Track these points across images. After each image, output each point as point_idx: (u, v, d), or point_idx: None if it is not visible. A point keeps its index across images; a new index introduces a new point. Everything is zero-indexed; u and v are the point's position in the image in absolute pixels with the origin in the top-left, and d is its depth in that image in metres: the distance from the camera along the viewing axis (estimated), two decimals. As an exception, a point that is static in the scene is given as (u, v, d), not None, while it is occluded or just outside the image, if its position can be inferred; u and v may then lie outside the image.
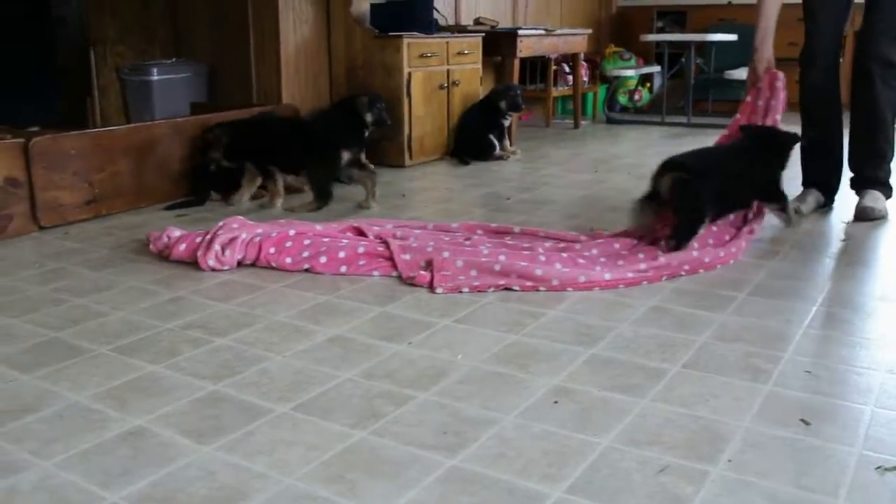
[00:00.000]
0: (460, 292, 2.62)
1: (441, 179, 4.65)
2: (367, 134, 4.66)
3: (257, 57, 4.89)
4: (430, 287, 2.66)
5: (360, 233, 3.12)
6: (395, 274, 2.82)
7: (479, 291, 2.63)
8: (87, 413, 1.84)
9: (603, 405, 1.84)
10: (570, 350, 2.15)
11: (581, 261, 2.81)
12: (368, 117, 4.55)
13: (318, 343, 2.22)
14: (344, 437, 1.70)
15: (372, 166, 4.79)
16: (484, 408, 1.83)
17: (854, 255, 3.05)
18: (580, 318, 2.38)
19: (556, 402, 1.85)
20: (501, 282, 2.65)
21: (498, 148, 5.27)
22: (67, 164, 3.58)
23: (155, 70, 4.97)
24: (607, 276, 2.68)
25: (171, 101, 4.98)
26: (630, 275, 2.70)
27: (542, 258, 2.79)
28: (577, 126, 6.87)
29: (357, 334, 2.28)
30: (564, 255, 2.85)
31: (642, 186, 3.25)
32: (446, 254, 2.80)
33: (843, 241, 3.26)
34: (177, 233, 3.05)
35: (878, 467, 1.58)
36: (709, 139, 3.80)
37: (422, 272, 2.73)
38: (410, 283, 2.71)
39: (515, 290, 2.63)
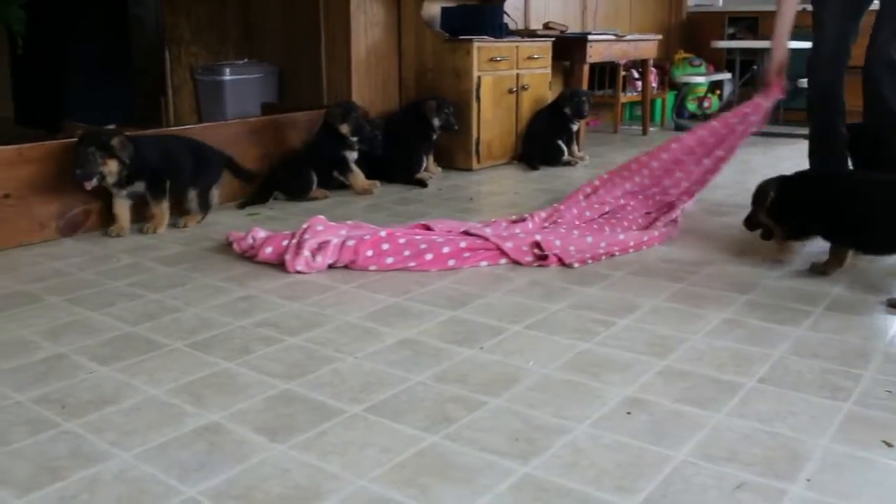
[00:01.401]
0: (586, 264, 2.99)
1: (509, 184, 4.64)
2: (434, 137, 4.70)
3: (328, 58, 4.94)
4: (564, 265, 2.96)
5: (428, 230, 3.17)
6: (503, 262, 2.98)
7: (594, 261, 3.02)
8: (164, 407, 1.87)
9: (677, 418, 1.82)
10: (642, 360, 2.12)
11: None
12: (435, 121, 4.59)
13: (388, 345, 2.23)
14: (416, 441, 1.71)
15: (439, 169, 4.83)
16: (556, 416, 1.82)
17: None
18: (652, 328, 2.35)
19: (628, 413, 1.83)
20: (601, 251, 3.08)
21: (566, 153, 5.24)
22: (143, 161, 3.64)
23: (227, 70, 5.06)
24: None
25: (243, 102, 5.06)
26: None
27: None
28: (645, 132, 6.81)
29: (428, 337, 2.28)
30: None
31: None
32: (538, 236, 3.07)
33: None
34: (261, 234, 3.08)
35: (966, 492, 1.53)
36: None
37: (552, 254, 2.98)
38: (539, 265, 2.96)
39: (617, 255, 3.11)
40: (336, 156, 4.22)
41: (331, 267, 2.92)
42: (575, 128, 5.33)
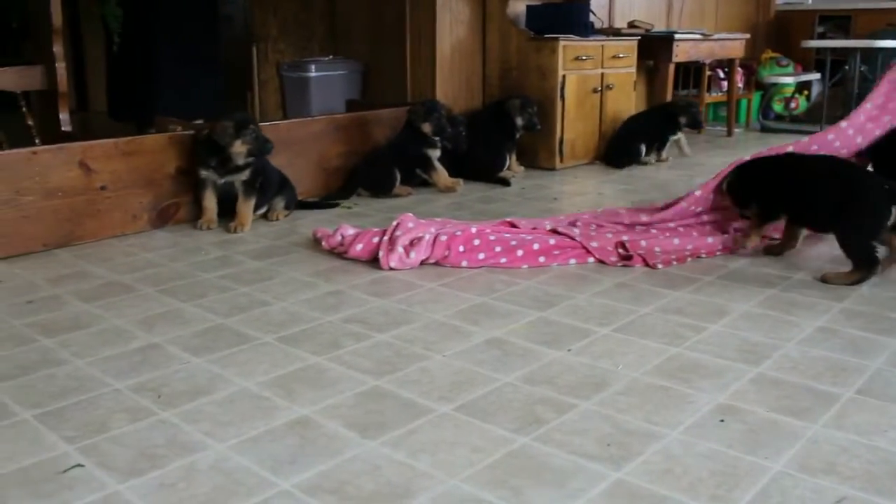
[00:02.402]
0: (671, 265, 2.97)
1: (592, 184, 4.60)
2: (517, 136, 4.68)
3: (413, 56, 4.96)
4: (649, 265, 2.94)
5: (514, 227, 3.18)
6: (591, 261, 3.00)
7: (679, 263, 2.99)
8: (257, 399, 1.90)
9: (772, 427, 1.77)
10: (734, 367, 2.08)
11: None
12: (519, 121, 4.57)
13: (476, 344, 2.23)
14: (507, 442, 1.70)
15: (522, 168, 4.82)
16: (647, 421, 1.79)
17: None
18: (743, 335, 2.30)
19: (722, 421, 1.80)
20: (686, 253, 3.05)
21: (643, 154, 5.18)
22: (233, 156, 3.72)
23: (313, 67, 5.11)
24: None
25: (328, 98, 5.11)
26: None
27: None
28: (730, 133, 6.68)
29: (515, 338, 2.28)
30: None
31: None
32: (625, 237, 3.08)
33: None
34: (350, 231, 3.11)
35: None
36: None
37: (637, 254, 2.98)
38: (623, 265, 2.96)
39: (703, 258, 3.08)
40: (419, 154, 4.24)
41: (422, 263, 2.94)
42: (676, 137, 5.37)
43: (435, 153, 4.27)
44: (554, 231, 3.11)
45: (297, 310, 2.50)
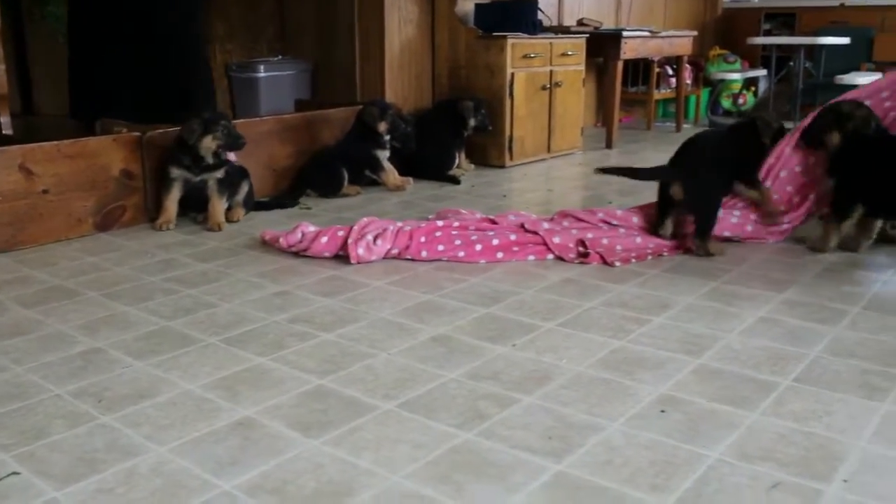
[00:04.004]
0: (629, 263, 2.97)
1: (542, 181, 4.63)
2: (466, 134, 4.70)
3: (362, 55, 4.96)
4: (606, 263, 2.93)
5: (494, 223, 3.22)
6: (550, 257, 3.01)
7: (639, 260, 2.99)
8: (199, 401, 1.89)
9: (711, 417, 1.80)
10: (676, 358, 2.11)
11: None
12: (472, 122, 4.59)
13: (422, 341, 2.23)
14: (450, 438, 1.71)
15: (472, 166, 4.83)
16: (589, 414, 1.81)
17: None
18: (686, 327, 2.33)
19: (662, 412, 1.82)
20: (648, 251, 3.05)
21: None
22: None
23: (261, 67, 5.09)
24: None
25: (277, 98, 5.09)
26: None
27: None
28: (678, 129, 6.75)
29: (461, 334, 2.28)
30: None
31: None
32: (591, 234, 3.08)
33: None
34: (311, 228, 3.12)
35: None
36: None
37: (596, 252, 2.98)
38: (581, 262, 2.96)
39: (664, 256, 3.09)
40: (368, 154, 4.23)
41: (386, 254, 2.98)
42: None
43: (384, 153, 4.27)
44: (522, 227, 3.14)
45: (243, 311, 2.49)
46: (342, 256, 2.97)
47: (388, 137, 4.25)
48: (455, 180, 4.49)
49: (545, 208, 3.80)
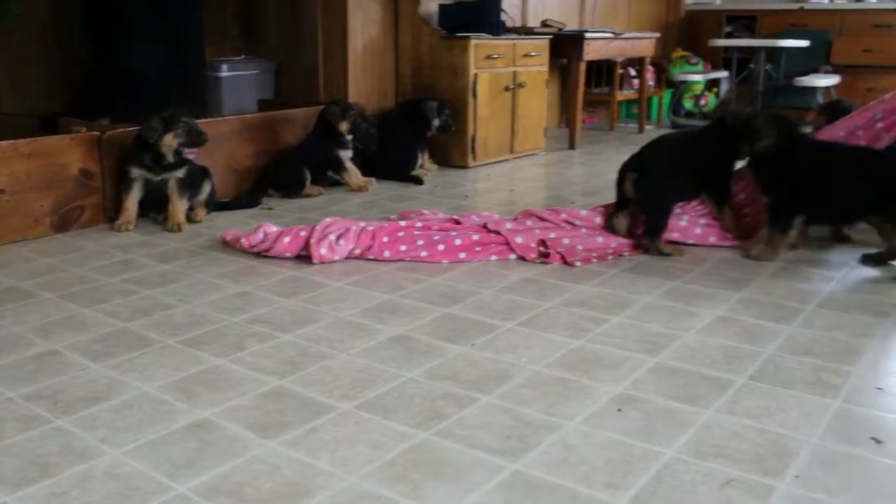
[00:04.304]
0: (590, 263, 2.97)
1: (505, 181, 4.64)
2: (429, 135, 4.71)
3: (325, 55, 4.94)
4: (566, 263, 2.95)
5: (457, 223, 3.23)
6: (512, 257, 3.02)
7: (600, 260, 3.00)
8: (156, 403, 1.87)
9: (667, 415, 1.82)
10: (634, 357, 2.13)
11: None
12: (435, 122, 4.60)
13: (381, 342, 2.23)
14: (407, 438, 1.71)
15: (435, 166, 4.84)
16: (547, 413, 1.82)
17: (928, 270, 2.98)
18: (645, 326, 2.35)
19: (619, 410, 1.84)
20: (609, 251, 3.07)
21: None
22: (139, 157, 3.64)
23: (224, 67, 5.05)
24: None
25: (240, 98, 5.05)
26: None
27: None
28: (641, 130, 6.81)
29: (420, 334, 2.29)
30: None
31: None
32: (553, 234, 3.10)
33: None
34: (273, 228, 3.11)
35: (954, 490, 1.54)
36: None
37: (556, 252, 2.99)
38: (542, 262, 2.97)
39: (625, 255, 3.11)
40: (331, 154, 4.21)
41: (349, 255, 2.98)
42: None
43: (346, 153, 4.26)
44: (485, 226, 3.15)
45: (201, 312, 2.47)
46: (304, 256, 2.96)
47: (350, 137, 4.24)
48: (418, 181, 4.49)
49: (508, 209, 3.81)
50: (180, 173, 3.45)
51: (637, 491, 1.52)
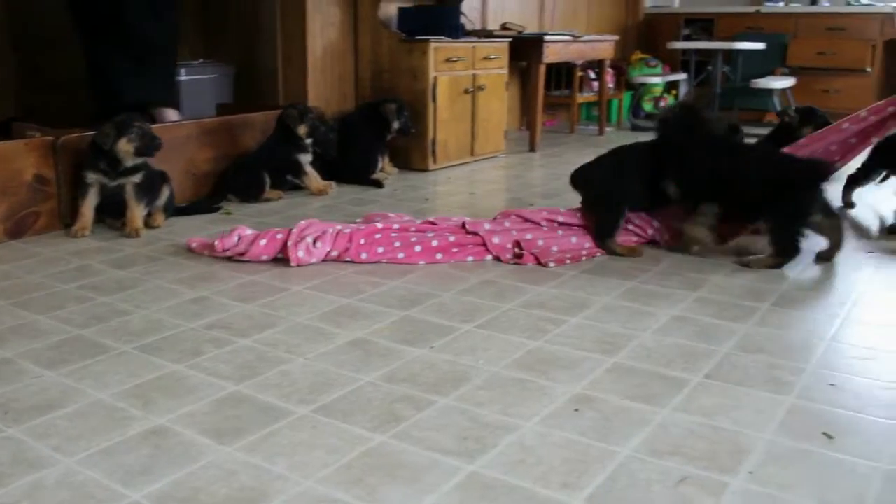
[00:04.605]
0: (564, 264, 2.99)
1: (465, 184, 4.65)
2: (389, 138, 4.71)
3: (284, 59, 4.92)
4: (540, 264, 2.97)
5: (431, 224, 3.24)
6: (489, 258, 3.04)
7: (573, 261, 3.02)
8: (111, 411, 1.85)
9: (624, 414, 1.83)
10: (591, 358, 2.14)
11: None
12: (395, 124, 4.59)
13: (339, 346, 2.23)
14: (364, 441, 1.71)
15: (395, 169, 4.84)
16: (505, 414, 1.83)
17: (880, 268, 3.03)
18: (602, 326, 2.37)
19: (576, 410, 1.85)
20: (583, 252, 3.09)
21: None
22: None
23: (183, 71, 5.00)
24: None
25: (198, 102, 5.01)
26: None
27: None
28: (601, 132, 6.86)
29: (379, 338, 2.28)
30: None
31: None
32: (529, 235, 3.12)
33: (870, 252, 3.23)
34: (249, 231, 3.09)
35: (902, 483, 1.57)
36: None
37: (531, 253, 3.02)
38: (515, 263, 2.99)
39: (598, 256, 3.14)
40: (290, 158, 4.20)
41: (326, 257, 2.98)
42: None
43: (306, 157, 4.24)
44: (462, 226, 3.17)
45: (158, 318, 2.45)
46: (268, 258, 2.96)
47: (309, 141, 4.22)
48: (378, 184, 4.49)
49: (468, 211, 3.81)
50: (137, 178, 3.42)
51: (593, 490, 1.53)
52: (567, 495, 1.51)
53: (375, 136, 4.67)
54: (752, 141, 4.19)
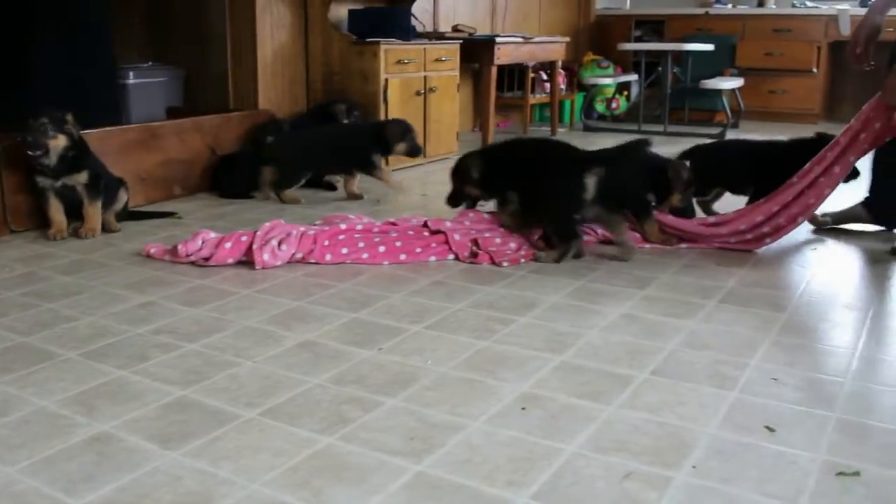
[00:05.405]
0: (518, 263, 3.02)
1: (417, 186, 4.65)
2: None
3: (234, 61, 4.88)
4: (494, 264, 2.99)
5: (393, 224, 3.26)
6: (451, 257, 3.05)
7: (528, 259, 3.06)
8: (54, 419, 1.83)
9: (570, 412, 1.85)
10: (539, 357, 2.16)
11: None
12: (401, 147, 4.57)
13: (288, 348, 2.22)
14: (311, 443, 1.70)
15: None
16: (452, 413, 1.83)
17: (824, 264, 3.09)
18: (551, 325, 2.39)
19: (523, 409, 1.86)
20: (521, 252, 3.08)
21: None
22: (40, 167, 3.55)
23: (131, 74, 4.94)
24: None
25: (147, 105, 4.95)
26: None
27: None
28: (553, 133, 6.90)
29: (328, 340, 2.28)
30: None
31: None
32: (488, 234, 3.15)
33: (814, 249, 3.30)
34: (212, 234, 3.07)
35: (840, 473, 1.60)
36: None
37: (481, 252, 3.04)
38: (470, 262, 3.02)
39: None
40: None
41: (291, 259, 2.98)
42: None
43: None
44: (424, 225, 3.19)
45: (105, 324, 2.42)
46: (234, 261, 2.95)
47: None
48: (331, 187, 4.47)
49: (421, 213, 3.81)
50: (83, 178, 3.36)
51: (538, 488, 1.54)
52: (513, 493, 1.52)
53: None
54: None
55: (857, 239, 3.45)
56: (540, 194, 3.07)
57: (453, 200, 3.49)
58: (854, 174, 3.38)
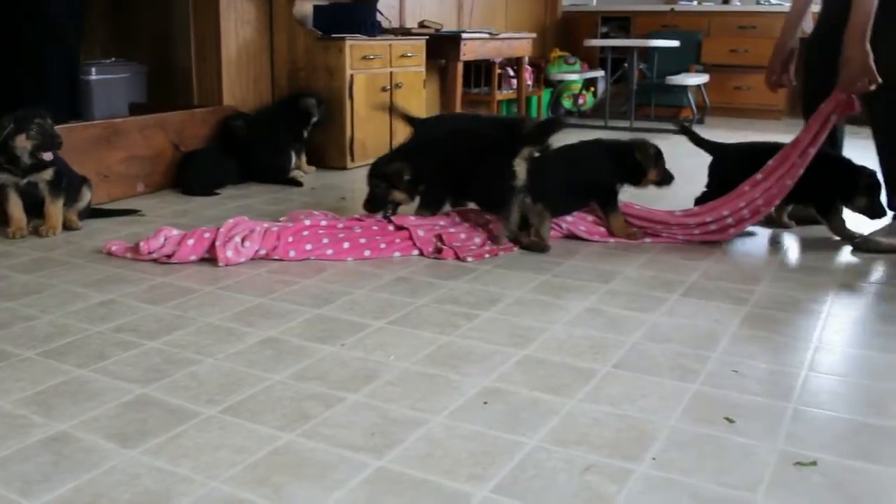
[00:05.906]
0: (483, 259, 3.03)
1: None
2: (306, 135, 4.67)
3: (198, 57, 4.84)
4: (459, 259, 3.00)
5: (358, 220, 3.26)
6: (415, 253, 3.05)
7: (492, 254, 3.07)
8: (10, 419, 1.80)
9: (532, 405, 1.85)
10: (502, 351, 2.16)
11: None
12: (315, 117, 4.57)
13: (250, 345, 2.20)
14: (271, 440, 1.69)
15: (313, 168, 4.80)
16: (413, 409, 1.83)
17: (786, 258, 3.12)
18: (514, 320, 2.39)
19: (485, 403, 1.86)
20: (486, 247, 3.10)
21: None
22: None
23: (93, 70, 4.88)
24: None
25: (110, 102, 4.89)
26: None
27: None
28: (521, 130, 6.90)
29: (290, 336, 2.27)
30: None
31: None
32: (452, 229, 3.16)
33: (777, 244, 3.33)
34: (175, 232, 3.04)
35: (797, 463, 1.62)
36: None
37: (445, 248, 3.04)
38: (435, 258, 3.02)
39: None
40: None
41: (254, 255, 2.96)
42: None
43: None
44: (388, 221, 3.20)
45: (64, 322, 2.39)
46: (196, 258, 2.92)
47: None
48: (297, 183, 4.45)
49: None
50: (47, 175, 3.32)
51: (499, 481, 1.54)
52: (473, 486, 1.52)
53: (290, 134, 4.63)
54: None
55: (817, 235, 3.49)
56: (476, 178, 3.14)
57: (372, 205, 3.38)
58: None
